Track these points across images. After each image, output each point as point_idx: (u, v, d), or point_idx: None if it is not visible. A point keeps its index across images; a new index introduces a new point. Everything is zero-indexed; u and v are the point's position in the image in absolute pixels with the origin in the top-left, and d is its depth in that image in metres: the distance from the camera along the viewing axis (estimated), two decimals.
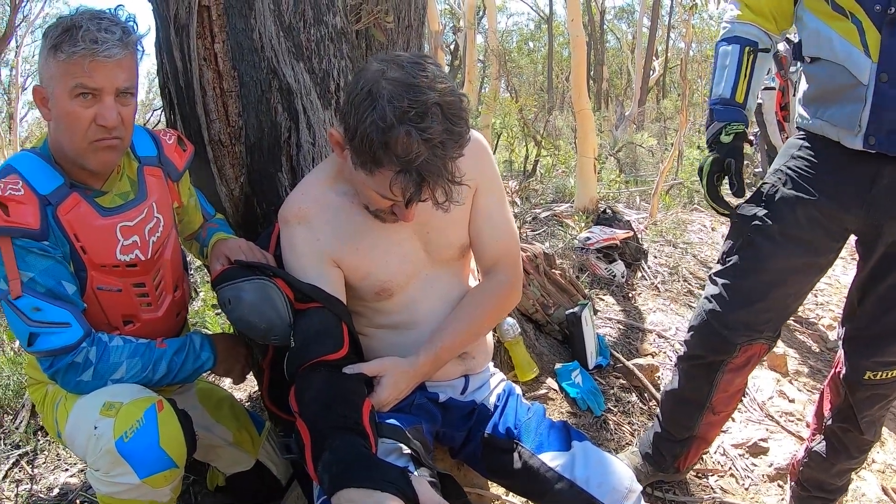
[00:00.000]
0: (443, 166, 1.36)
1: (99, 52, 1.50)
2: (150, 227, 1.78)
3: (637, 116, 17.05)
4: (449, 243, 1.72)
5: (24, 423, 2.84)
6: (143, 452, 1.55)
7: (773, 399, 3.20)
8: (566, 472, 1.58)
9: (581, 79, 6.77)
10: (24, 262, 1.54)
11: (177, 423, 1.63)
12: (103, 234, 1.68)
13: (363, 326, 1.75)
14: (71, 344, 1.58)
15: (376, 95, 1.34)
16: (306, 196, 1.64)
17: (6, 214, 1.51)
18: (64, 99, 1.54)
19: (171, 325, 1.93)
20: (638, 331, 3.73)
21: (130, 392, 1.63)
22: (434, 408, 1.76)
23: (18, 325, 1.56)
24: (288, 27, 2.11)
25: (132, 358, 1.67)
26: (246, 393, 3.05)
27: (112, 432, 1.53)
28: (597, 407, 2.78)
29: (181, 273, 1.98)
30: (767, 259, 1.97)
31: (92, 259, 1.67)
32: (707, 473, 2.58)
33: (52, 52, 1.52)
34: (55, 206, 1.60)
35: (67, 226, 1.62)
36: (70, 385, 1.63)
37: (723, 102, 2.01)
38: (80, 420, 1.62)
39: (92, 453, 1.58)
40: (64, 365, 1.59)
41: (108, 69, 1.53)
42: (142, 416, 1.57)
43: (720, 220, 7.24)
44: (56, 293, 1.57)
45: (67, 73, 1.51)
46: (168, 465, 1.58)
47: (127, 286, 1.76)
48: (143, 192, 1.79)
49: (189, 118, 2.14)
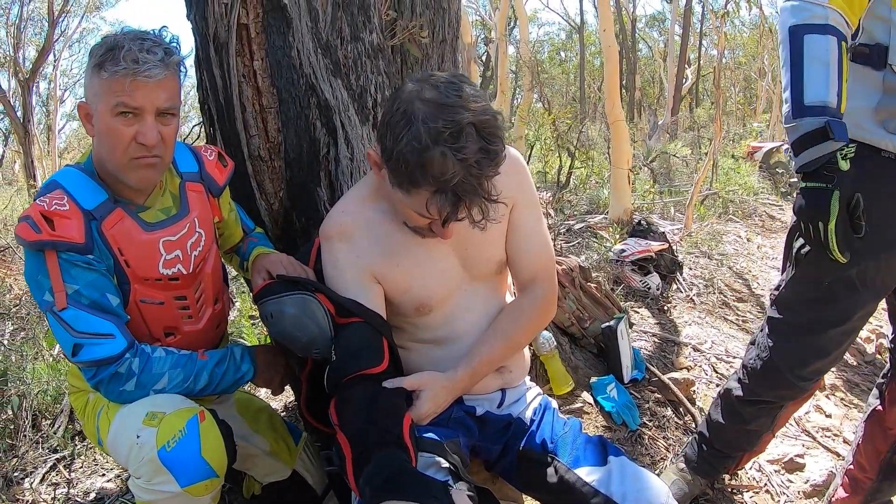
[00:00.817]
0: (479, 185, 1.37)
1: (140, 71, 1.52)
2: (191, 241, 1.81)
3: (670, 125, 16.94)
4: (486, 259, 1.74)
5: (62, 428, 2.90)
6: (184, 461, 1.56)
7: (810, 414, 3.14)
8: (602, 487, 1.57)
9: (614, 89, 6.76)
10: (70, 274, 1.57)
11: (218, 433, 1.65)
12: (146, 248, 1.71)
13: (403, 341, 1.77)
14: (114, 355, 1.60)
15: (411, 116, 1.35)
16: (347, 213, 1.66)
17: (52, 228, 1.54)
18: (106, 116, 1.57)
19: (211, 337, 1.96)
20: (673, 344, 3.69)
21: (173, 402, 1.65)
22: (471, 421, 1.77)
23: (63, 335, 1.59)
24: (325, 44, 2.15)
25: (174, 369, 1.70)
26: (282, 403, 3.08)
27: (155, 441, 1.55)
28: (632, 421, 2.77)
29: (221, 286, 2.01)
30: (849, 312, 1.82)
31: (135, 272, 1.70)
32: (742, 490, 2.54)
33: (95, 70, 1.55)
34: (100, 220, 1.63)
35: (111, 240, 1.65)
36: (113, 395, 1.66)
37: (831, 112, 1.56)
38: (123, 429, 1.64)
39: (134, 461, 1.59)
40: (107, 375, 1.62)
41: (149, 89, 1.56)
42: (184, 426, 1.58)
43: (756, 231, 7.16)
44: (100, 305, 1.60)
45: (110, 91, 1.54)
46: (209, 474, 1.60)
47: (169, 299, 1.79)
48: (184, 207, 1.82)
49: (229, 134, 2.18)
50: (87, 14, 20.72)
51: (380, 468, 1.32)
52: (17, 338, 3.92)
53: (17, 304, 4.60)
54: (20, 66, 16.31)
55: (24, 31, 17.64)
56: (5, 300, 4.71)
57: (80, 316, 1.57)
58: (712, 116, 15.07)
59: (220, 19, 2.07)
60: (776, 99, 21.92)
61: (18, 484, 2.57)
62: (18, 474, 2.62)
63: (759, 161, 10.80)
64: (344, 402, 1.51)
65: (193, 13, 2.15)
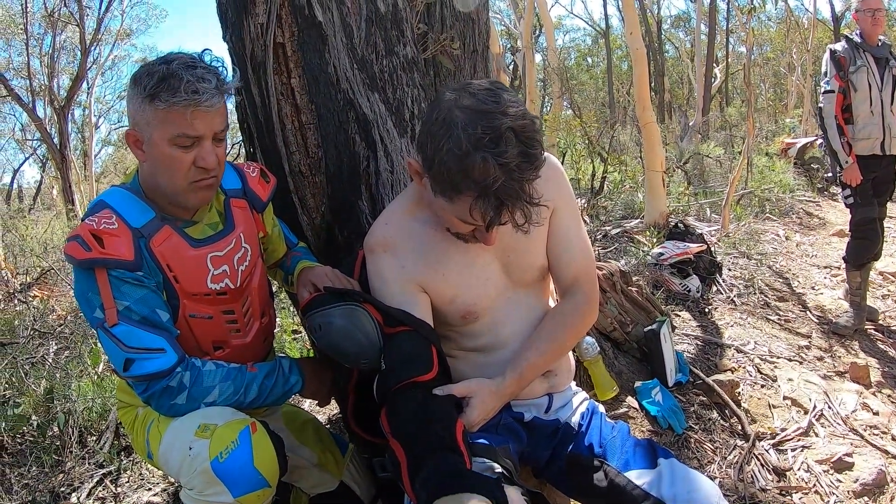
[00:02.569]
0: (520, 189, 1.38)
1: (201, 102, 1.55)
2: (238, 256, 1.84)
3: (701, 126, 16.78)
4: (529, 265, 1.75)
5: (108, 444, 2.96)
6: (237, 472, 1.58)
7: (857, 412, 3.09)
8: (653, 490, 1.56)
9: (644, 91, 6.72)
10: (120, 291, 1.60)
11: (270, 444, 1.66)
12: (195, 264, 1.74)
13: (450, 349, 1.78)
14: (166, 369, 1.63)
15: (451, 124, 1.38)
16: (390, 225, 1.69)
17: (101, 247, 1.57)
18: (163, 145, 1.60)
19: (258, 350, 1.98)
20: (716, 346, 3.66)
21: (224, 415, 1.67)
22: (520, 427, 1.78)
23: (115, 351, 1.61)
24: (361, 59, 2.17)
25: (224, 382, 1.72)
26: (326, 416, 3.11)
27: (208, 452, 1.57)
28: (678, 425, 2.74)
29: (268, 300, 2.04)
30: None
31: (184, 288, 1.73)
32: (791, 491, 2.51)
33: (148, 100, 1.56)
34: (148, 238, 1.66)
35: (160, 257, 1.68)
36: (164, 408, 1.68)
37: None
38: (175, 441, 1.66)
39: (187, 473, 1.61)
40: (159, 389, 1.64)
41: (209, 117, 1.60)
42: (237, 437, 1.60)
43: (794, 229, 7.06)
44: (151, 321, 1.63)
45: (168, 121, 1.57)
46: (261, 484, 1.62)
47: (217, 313, 1.81)
48: (230, 223, 1.85)
49: (269, 151, 2.22)
50: (119, 42, 21.12)
51: (436, 471, 1.33)
52: (62, 356, 4.01)
53: (61, 323, 4.71)
54: (55, 95, 16.66)
55: (58, 60, 18.02)
56: (49, 320, 4.82)
57: (131, 331, 1.60)
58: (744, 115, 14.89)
59: (257, 39, 2.11)
60: (807, 93, 21.61)
61: (66, 499, 2.63)
62: (66, 489, 2.68)
63: (793, 157, 10.65)
64: (395, 410, 1.52)
65: (230, 35, 2.20)
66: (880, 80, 4.22)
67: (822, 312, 4.62)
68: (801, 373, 3.39)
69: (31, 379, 3.43)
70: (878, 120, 4.24)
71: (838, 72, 4.27)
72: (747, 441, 2.74)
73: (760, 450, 2.71)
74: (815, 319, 4.47)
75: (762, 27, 28.65)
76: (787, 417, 2.98)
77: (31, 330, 4.48)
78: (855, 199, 4.36)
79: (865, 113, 4.25)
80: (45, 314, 4.98)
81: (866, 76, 4.22)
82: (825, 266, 5.87)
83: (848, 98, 4.29)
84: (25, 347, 4.07)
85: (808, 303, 4.80)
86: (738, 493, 2.43)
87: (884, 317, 4.64)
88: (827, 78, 4.34)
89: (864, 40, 4.27)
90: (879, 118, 4.23)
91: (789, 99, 26.89)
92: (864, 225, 4.41)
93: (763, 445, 2.75)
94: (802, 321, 4.40)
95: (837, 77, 4.27)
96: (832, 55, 4.33)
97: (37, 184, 28.35)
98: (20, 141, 24.90)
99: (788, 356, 3.65)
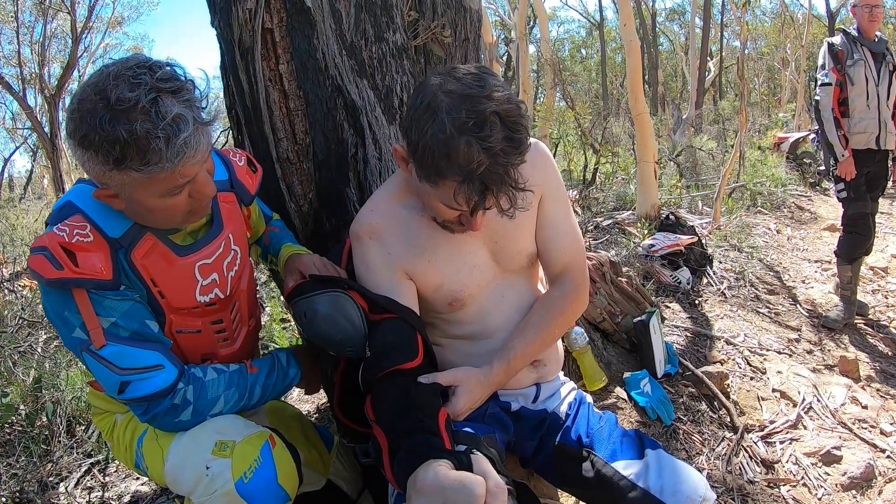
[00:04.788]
0: (505, 174, 1.37)
1: (188, 157, 1.32)
2: (227, 261, 1.70)
3: (695, 119, 16.81)
4: (517, 252, 1.73)
5: (96, 434, 2.94)
6: (263, 492, 1.50)
7: (846, 406, 3.11)
8: (640, 481, 1.56)
9: (637, 83, 6.70)
10: (103, 307, 1.43)
11: (290, 457, 1.59)
12: (182, 275, 1.58)
13: (437, 337, 1.77)
14: (167, 387, 1.49)
15: (435, 108, 1.36)
16: (376, 212, 1.67)
17: (75, 265, 1.37)
18: (150, 201, 1.39)
19: (246, 355, 1.86)
20: (706, 338, 3.66)
21: (236, 427, 1.58)
22: (506, 417, 1.77)
23: (106, 375, 1.45)
24: (350, 46, 2.15)
25: (229, 389, 1.62)
26: (314, 405, 3.10)
27: (230, 473, 1.47)
28: (666, 416, 2.74)
29: (255, 301, 1.93)
30: None
31: (170, 303, 1.57)
32: (779, 483, 2.51)
33: (116, 168, 1.30)
34: (128, 249, 1.48)
35: (143, 270, 1.50)
36: (168, 427, 1.56)
37: None
38: (188, 460, 1.54)
39: (203, 493, 1.50)
40: (162, 410, 1.51)
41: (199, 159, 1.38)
42: (258, 454, 1.52)
43: (785, 223, 7.08)
44: (142, 335, 1.48)
45: (151, 183, 1.34)
46: (284, 499, 1.54)
47: (206, 325, 1.69)
48: (218, 222, 1.69)
49: (257, 138, 2.20)
50: (110, 30, 21.01)
51: (413, 452, 1.31)
52: (51, 346, 3.99)
53: None
54: (46, 83, 16.58)
55: (49, 48, 17.92)
56: (38, 310, 4.80)
57: (122, 351, 1.44)
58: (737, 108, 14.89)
59: (245, 25, 2.08)
60: (801, 89, 21.67)
61: (54, 488, 2.62)
62: (54, 479, 2.67)
63: (785, 152, 10.68)
64: (379, 397, 1.51)
65: (218, 20, 2.17)
66: (877, 75, 4.24)
67: (812, 306, 4.64)
68: (790, 366, 3.40)
69: (20, 369, 3.41)
70: (875, 114, 4.26)
71: (835, 65, 4.29)
72: (736, 433, 2.74)
73: (749, 442, 2.72)
74: (805, 313, 4.49)
75: (757, 22, 28.71)
76: (775, 410, 2.99)
77: (19, 319, 4.45)
78: (848, 193, 4.37)
79: (862, 107, 4.26)
80: (34, 304, 4.94)
81: (863, 70, 4.24)
82: (816, 260, 5.89)
83: (844, 91, 4.30)
84: (14, 337, 4.04)
85: (799, 296, 4.81)
86: (726, 485, 2.43)
87: (874, 311, 4.67)
88: (825, 71, 4.34)
89: (861, 35, 4.27)
90: (875, 112, 4.26)
91: (783, 94, 26.99)
92: (857, 220, 4.42)
93: (751, 437, 2.76)
94: (792, 314, 4.41)
95: (835, 70, 4.28)
96: (830, 48, 4.34)
97: (27, 173, 28.28)
98: (10, 130, 24.82)
99: (778, 349, 3.65)
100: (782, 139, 11.26)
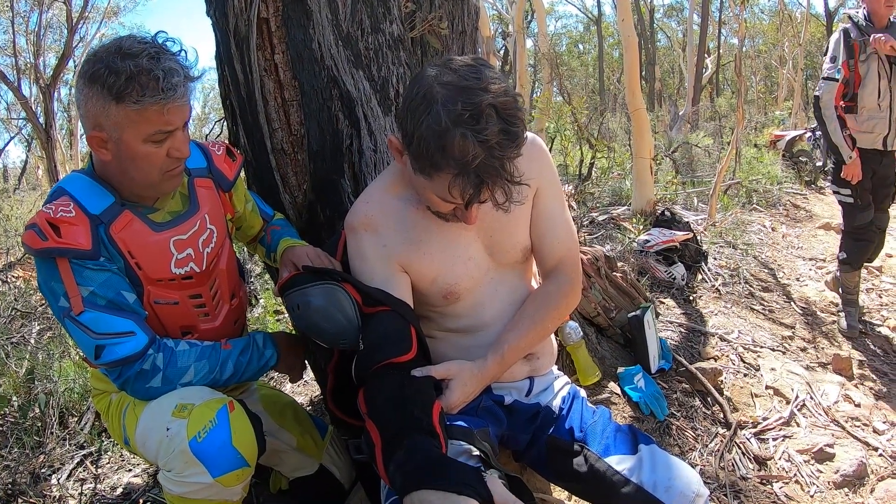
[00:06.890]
0: (500, 167, 1.36)
1: (176, 98, 1.52)
2: (203, 238, 1.80)
3: (691, 116, 16.82)
4: (512, 246, 1.72)
5: (88, 425, 2.95)
6: (216, 452, 1.56)
7: (839, 403, 3.11)
8: (633, 476, 1.56)
9: (634, 79, 6.70)
10: (82, 277, 1.57)
11: (248, 422, 1.64)
12: (157, 249, 1.70)
13: (431, 330, 1.76)
14: (137, 352, 1.60)
15: (431, 100, 1.35)
16: (371, 203, 1.66)
17: (58, 236, 1.53)
18: (136, 144, 1.56)
19: (228, 333, 1.94)
20: (700, 334, 3.66)
21: (201, 394, 1.65)
22: (500, 410, 1.76)
23: (84, 339, 1.58)
24: (346, 36, 2.14)
25: (199, 361, 1.70)
26: (307, 397, 3.09)
27: (185, 433, 1.55)
28: (660, 411, 2.74)
29: (237, 281, 2.00)
30: None
31: (147, 274, 1.69)
32: (772, 480, 2.52)
33: (115, 101, 1.51)
34: (107, 224, 1.62)
35: (121, 243, 1.64)
36: (140, 393, 1.65)
37: None
38: (152, 423, 1.63)
39: (164, 454, 1.59)
40: (133, 374, 1.61)
41: (182, 109, 1.57)
42: (214, 416, 1.58)
43: (780, 220, 7.09)
44: (117, 304, 1.60)
45: (141, 120, 1.53)
46: (240, 463, 1.60)
47: (184, 298, 1.79)
48: (194, 203, 1.82)
49: (252, 128, 2.19)
50: (106, 20, 20.95)
51: (410, 456, 1.31)
52: (44, 337, 3.98)
53: (43, 304, 4.67)
54: (41, 73, 16.50)
55: (44, 38, 17.85)
56: (32, 301, 4.78)
57: (98, 317, 1.57)
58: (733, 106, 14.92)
59: (240, 14, 2.07)
60: (797, 87, 21.70)
61: (46, 480, 2.61)
62: (46, 471, 2.66)
63: (782, 150, 10.70)
64: (372, 391, 1.50)
65: (213, 9, 2.16)
66: (889, 70, 3.85)
67: (806, 304, 4.65)
68: (784, 363, 3.41)
69: (13, 360, 3.40)
70: (886, 114, 3.91)
71: (848, 59, 3.86)
72: (729, 429, 2.75)
73: (742, 438, 2.73)
74: (799, 310, 4.49)
75: (755, 19, 28.71)
76: (769, 407, 2.99)
77: (12, 310, 4.44)
78: (855, 200, 4.08)
79: (872, 105, 3.91)
80: (28, 294, 4.93)
81: (876, 66, 3.85)
82: (810, 258, 5.90)
83: (851, 88, 3.92)
84: (7, 328, 4.03)
85: (793, 294, 4.82)
86: (719, 481, 2.44)
87: (868, 310, 4.67)
88: (834, 64, 3.90)
89: (871, 23, 3.84)
90: (887, 112, 3.90)
91: (780, 92, 27.02)
92: (864, 228, 4.18)
93: (744, 434, 2.76)
94: (786, 312, 4.42)
95: (846, 65, 3.86)
96: (846, 40, 3.88)
97: (22, 163, 28.18)
98: (5, 120, 24.73)
99: (772, 346, 3.66)
100: (779, 137, 11.28)
